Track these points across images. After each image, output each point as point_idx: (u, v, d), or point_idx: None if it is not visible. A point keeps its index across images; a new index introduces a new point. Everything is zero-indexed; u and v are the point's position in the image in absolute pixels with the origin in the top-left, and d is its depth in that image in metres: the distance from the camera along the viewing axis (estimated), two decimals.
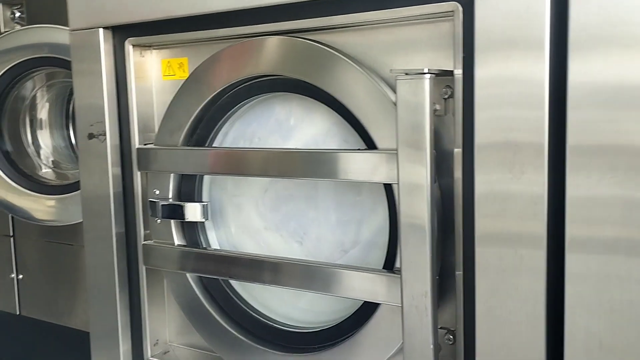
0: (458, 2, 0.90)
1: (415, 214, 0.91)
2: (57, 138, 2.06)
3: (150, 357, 1.33)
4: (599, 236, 0.81)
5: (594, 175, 0.81)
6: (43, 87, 2.02)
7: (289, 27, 1.07)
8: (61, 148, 2.06)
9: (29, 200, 1.90)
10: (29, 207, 1.91)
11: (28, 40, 1.80)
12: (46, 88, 2.02)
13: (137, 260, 1.31)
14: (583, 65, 0.80)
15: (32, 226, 1.99)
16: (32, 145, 2.04)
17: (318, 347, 1.14)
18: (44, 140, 2.05)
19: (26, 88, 1.98)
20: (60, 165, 2.05)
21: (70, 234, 1.93)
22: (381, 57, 1.02)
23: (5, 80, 1.86)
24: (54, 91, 2.02)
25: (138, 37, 1.24)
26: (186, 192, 1.25)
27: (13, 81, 1.87)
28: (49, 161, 2.06)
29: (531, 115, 0.84)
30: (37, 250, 2.04)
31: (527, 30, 0.83)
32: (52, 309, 2.02)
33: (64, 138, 2.05)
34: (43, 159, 2.05)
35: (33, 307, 2.07)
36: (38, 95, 2.02)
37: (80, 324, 1.96)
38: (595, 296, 0.82)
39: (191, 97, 1.19)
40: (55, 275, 1.99)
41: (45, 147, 2.05)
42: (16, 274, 2.08)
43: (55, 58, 1.74)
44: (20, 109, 2.00)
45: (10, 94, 1.93)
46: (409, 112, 0.89)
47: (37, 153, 2.04)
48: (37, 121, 2.04)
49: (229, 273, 1.19)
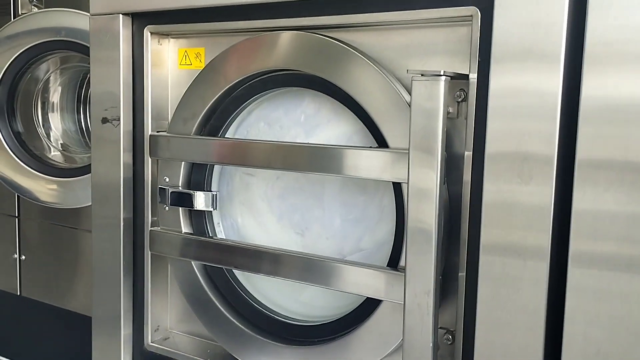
0: (477, 7, 0.91)
1: (423, 214, 0.92)
2: (67, 122, 2.07)
3: (151, 343, 1.34)
4: (602, 251, 0.83)
5: (601, 190, 0.82)
6: (57, 71, 2.03)
7: (308, 23, 1.08)
8: (71, 132, 2.07)
9: (36, 181, 1.91)
10: (35, 188, 1.92)
11: (45, 23, 1.82)
12: (60, 71, 2.04)
13: (143, 247, 1.32)
14: (597, 79, 0.81)
15: (37, 208, 2.01)
16: (43, 127, 2.05)
17: (318, 341, 1.15)
18: (54, 123, 2.07)
19: (41, 70, 2.00)
20: (69, 148, 2.06)
21: (75, 217, 1.95)
22: (397, 58, 1.03)
23: (21, 62, 1.88)
24: (67, 75, 2.04)
25: (157, 25, 1.26)
26: (196, 181, 1.26)
27: (28, 63, 1.89)
28: (58, 144, 2.07)
29: (543, 126, 0.85)
30: (41, 232, 2.05)
31: (544, 40, 0.84)
32: (53, 291, 2.03)
33: (74, 122, 2.07)
34: (53, 141, 2.06)
35: (34, 289, 2.09)
36: (51, 79, 2.04)
37: (80, 307, 1.97)
38: (595, 309, 0.84)
39: (207, 86, 1.20)
40: (58, 257, 2.01)
41: (55, 130, 2.07)
42: (19, 254, 2.10)
43: (72, 42, 1.76)
44: (33, 91, 2.02)
45: (25, 75, 1.94)
46: (422, 112, 0.90)
47: (47, 135, 2.06)
48: (49, 104, 2.06)
49: (233, 263, 1.20)
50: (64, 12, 1.78)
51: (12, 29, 1.87)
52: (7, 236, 2.12)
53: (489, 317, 0.91)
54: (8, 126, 1.95)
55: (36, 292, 2.08)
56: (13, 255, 2.11)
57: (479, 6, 0.91)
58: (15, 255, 2.11)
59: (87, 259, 1.94)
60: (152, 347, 1.34)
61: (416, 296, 0.94)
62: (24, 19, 1.86)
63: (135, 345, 1.36)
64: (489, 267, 0.90)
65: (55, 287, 2.02)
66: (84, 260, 1.95)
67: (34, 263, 2.08)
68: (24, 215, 2.08)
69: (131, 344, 1.37)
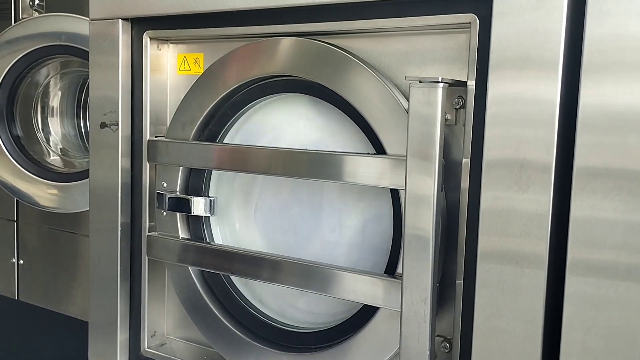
0: (475, 14, 0.91)
1: (421, 221, 0.92)
2: (67, 126, 2.08)
3: (147, 349, 1.34)
4: (600, 259, 0.82)
5: (599, 198, 0.82)
6: (57, 75, 2.04)
7: (307, 29, 1.08)
8: (70, 136, 2.07)
9: (35, 186, 1.91)
10: (34, 192, 1.92)
11: (46, 28, 1.82)
12: (60, 76, 2.04)
13: (140, 252, 1.32)
14: (595, 87, 0.81)
15: (35, 212, 2.01)
16: (42, 131, 2.05)
17: (315, 348, 1.14)
18: (54, 128, 2.07)
19: (41, 74, 2.00)
20: (69, 153, 2.06)
21: (73, 222, 1.95)
22: (396, 65, 1.03)
23: (21, 66, 1.88)
24: (67, 80, 2.04)
25: (156, 30, 1.26)
26: (194, 186, 1.26)
27: (28, 67, 1.89)
28: (58, 148, 2.07)
29: (540, 134, 0.84)
30: (39, 237, 2.05)
31: (542, 47, 0.84)
32: (51, 296, 2.03)
33: (74, 127, 2.07)
34: (52, 146, 2.07)
35: (32, 293, 2.09)
36: (51, 83, 2.04)
37: (78, 312, 1.97)
38: (593, 318, 0.83)
39: (205, 92, 1.20)
40: (56, 262, 2.00)
41: (54, 135, 2.07)
42: (17, 259, 2.10)
43: (72, 47, 1.76)
44: (33, 95, 2.02)
45: (25, 79, 1.95)
46: (420, 119, 0.90)
47: (47, 140, 2.06)
48: (49, 108, 2.06)
49: (230, 269, 1.20)
50: (64, 17, 1.79)
51: (12, 33, 1.88)
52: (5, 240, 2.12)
53: (487, 325, 0.91)
54: (7, 130, 1.95)
55: (34, 297, 2.08)
56: (11, 260, 2.11)
57: (477, 14, 0.91)
58: (13, 259, 2.10)
59: (85, 264, 1.93)
60: (148, 353, 1.33)
61: (413, 303, 0.94)
62: (25, 24, 1.86)
63: (132, 350, 1.36)
64: (486, 274, 0.90)
65: (53, 291, 2.02)
66: (82, 265, 1.95)
67: (32, 267, 2.08)
68: (23, 220, 2.08)
69: (127, 349, 1.36)
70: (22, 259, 2.09)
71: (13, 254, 2.10)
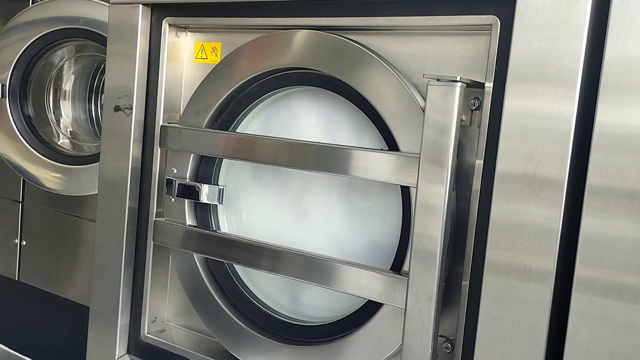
0: (497, 16, 0.91)
1: (430, 220, 0.92)
2: (78, 110, 2.08)
3: (147, 334, 1.34)
4: (607, 279, 0.82)
5: (609, 218, 0.82)
6: (71, 59, 2.04)
7: (326, 23, 1.09)
8: (81, 120, 2.08)
9: (43, 167, 1.92)
10: (41, 174, 1.92)
11: (63, 11, 1.83)
12: (74, 59, 2.05)
13: (146, 237, 1.32)
14: (612, 107, 0.81)
15: (41, 193, 2.01)
16: (53, 113, 2.06)
17: (316, 341, 1.14)
18: (65, 111, 2.08)
19: (55, 57, 2.01)
20: (78, 136, 2.07)
21: (78, 205, 1.95)
22: (414, 64, 1.03)
23: (36, 47, 1.89)
24: (81, 63, 2.05)
25: (176, 17, 1.26)
26: (204, 174, 1.27)
27: (44, 48, 1.90)
28: (68, 131, 2.08)
29: (555, 150, 0.85)
30: (43, 219, 2.05)
31: (563, 53, 0.84)
32: (51, 279, 2.03)
33: (85, 111, 2.07)
34: (62, 128, 2.07)
35: (32, 275, 2.09)
36: (65, 66, 2.05)
37: (78, 296, 1.97)
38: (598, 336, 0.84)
39: (221, 81, 1.20)
40: (58, 245, 2.01)
41: (65, 117, 2.08)
42: (20, 239, 2.10)
43: (88, 31, 1.77)
44: (47, 77, 2.03)
45: (39, 60, 1.95)
46: (436, 117, 0.90)
47: (57, 122, 2.07)
48: (62, 91, 2.07)
49: (234, 257, 1.20)
50: (82, 1, 1.79)
51: (30, 15, 1.88)
52: (9, 221, 2.12)
53: (490, 332, 0.91)
54: (19, 110, 1.96)
55: (34, 279, 2.08)
56: (14, 240, 2.11)
57: (499, 15, 0.91)
58: (16, 240, 2.11)
59: (88, 248, 1.94)
60: (147, 339, 1.34)
61: (418, 301, 0.94)
62: (42, 6, 1.87)
63: (131, 335, 1.36)
64: (492, 285, 0.90)
65: (54, 274, 2.02)
66: (85, 249, 1.95)
67: (34, 249, 2.08)
68: (28, 201, 2.08)
69: (127, 334, 1.36)
70: (24, 240, 2.09)
71: (16, 235, 2.11)
